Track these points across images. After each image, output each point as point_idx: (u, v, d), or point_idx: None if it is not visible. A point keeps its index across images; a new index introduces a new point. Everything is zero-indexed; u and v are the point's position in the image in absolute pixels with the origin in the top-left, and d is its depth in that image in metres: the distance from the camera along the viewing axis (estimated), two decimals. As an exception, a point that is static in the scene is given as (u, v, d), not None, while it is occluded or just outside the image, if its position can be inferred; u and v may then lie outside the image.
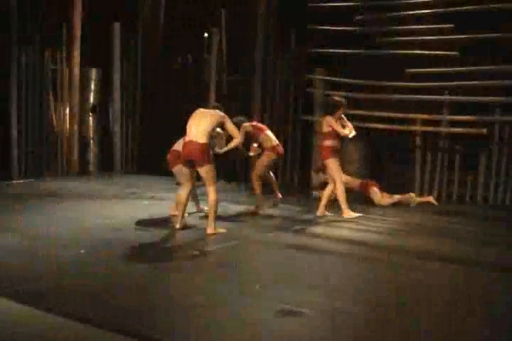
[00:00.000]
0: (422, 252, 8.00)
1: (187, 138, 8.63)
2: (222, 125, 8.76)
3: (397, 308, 5.69)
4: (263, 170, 10.82)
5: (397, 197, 11.74)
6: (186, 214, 9.11)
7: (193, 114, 8.78)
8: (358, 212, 10.30)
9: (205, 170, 8.50)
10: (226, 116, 8.80)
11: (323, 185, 11.73)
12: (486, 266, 7.44)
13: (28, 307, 5.38)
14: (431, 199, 12.00)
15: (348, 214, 10.13)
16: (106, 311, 5.35)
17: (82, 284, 6.14)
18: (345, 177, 11.84)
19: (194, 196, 10.06)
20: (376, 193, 11.69)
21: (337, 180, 10.15)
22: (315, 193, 12.41)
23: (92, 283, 6.21)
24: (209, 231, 8.60)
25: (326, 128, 10.18)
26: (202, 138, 8.46)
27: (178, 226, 8.83)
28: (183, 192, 8.83)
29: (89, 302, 5.60)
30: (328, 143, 10.16)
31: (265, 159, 10.76)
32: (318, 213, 10.36)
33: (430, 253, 7.93)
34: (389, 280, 6.70)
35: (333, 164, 10.14)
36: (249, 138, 10.68)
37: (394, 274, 6.96)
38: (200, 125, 8.55)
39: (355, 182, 12.01)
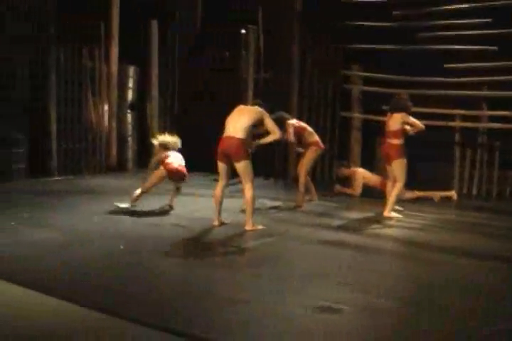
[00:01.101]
0: (457, 248, 8.05)
1: (224, 134, 8.74)
2: (261, 122, 8.85)
3: (430, 305, 5.72)
4: (311, 165, 11.19)
5: (418, 193, 11.75)
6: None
7: (233, 111, 8.90)
8: (397, 212, 10.21)
9: (242, 166, 8.59)
10: (265, 111, 8.87)
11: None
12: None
13: (61, 301, 5.54)
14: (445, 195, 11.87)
15: (390, 214, 10.03)
16: (142, 307, 5.45)
17: (119, 280, 6.27)
18: (367, 174, 11.94)
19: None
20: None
21: (400, 180, 9.92)
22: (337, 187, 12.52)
23: (129, 279, 6.33)
24: (247, 227, 8.69)
25: (396, 126, 9.98)
26: (239, 134, 8.57)
27: (215, 223, 8.95)
28: (217, 188, 8.95)
29: (125, 298, 5.70)
30: (397, 141, 9.97)
31: (312, 154, 11.02)
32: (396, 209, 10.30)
33: (465, 250, 7.98)
34: (423, 277, 6.75)
35: (401, 164, 9.93)
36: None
37: (428, 270, 7.00)
38: (238, 121, 8.66)
39: (375, 179, 12.05)
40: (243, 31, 15.39)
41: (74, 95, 14.47)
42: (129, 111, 15.73)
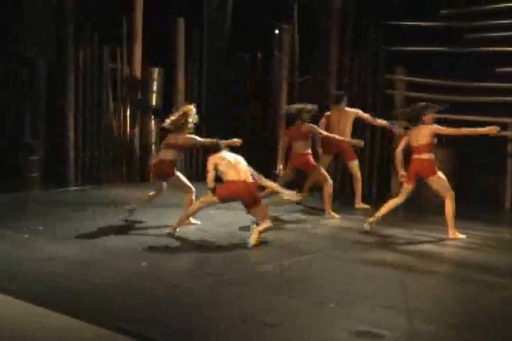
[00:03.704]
0: (510, 270, 7.94)
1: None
2: None
3: (477, 332, 5.66)
4: None
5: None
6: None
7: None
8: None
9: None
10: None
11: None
12: None
13: (84, 323, 5.53)
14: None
15: (455, 235, 9.62)
16: (171, 331, 5.44)
17: (145, 303, 6.25)
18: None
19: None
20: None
21: (448, 196, 9.55)
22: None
23: (155, 301, 6.33)
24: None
25: (425, 140, 9.59)
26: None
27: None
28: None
29: (152, 321, 5.67)
30: (428, 156, 9.59)
31: None
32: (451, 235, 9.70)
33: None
34: (472, 301, 6.70)
35: (439, 179, 9.57)
36: None
37: (478, 294, 6.93)
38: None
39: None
40: (277, 31, 15.36)
41: (93, 99, 14.51)
42: (152, 116, 15.74)
